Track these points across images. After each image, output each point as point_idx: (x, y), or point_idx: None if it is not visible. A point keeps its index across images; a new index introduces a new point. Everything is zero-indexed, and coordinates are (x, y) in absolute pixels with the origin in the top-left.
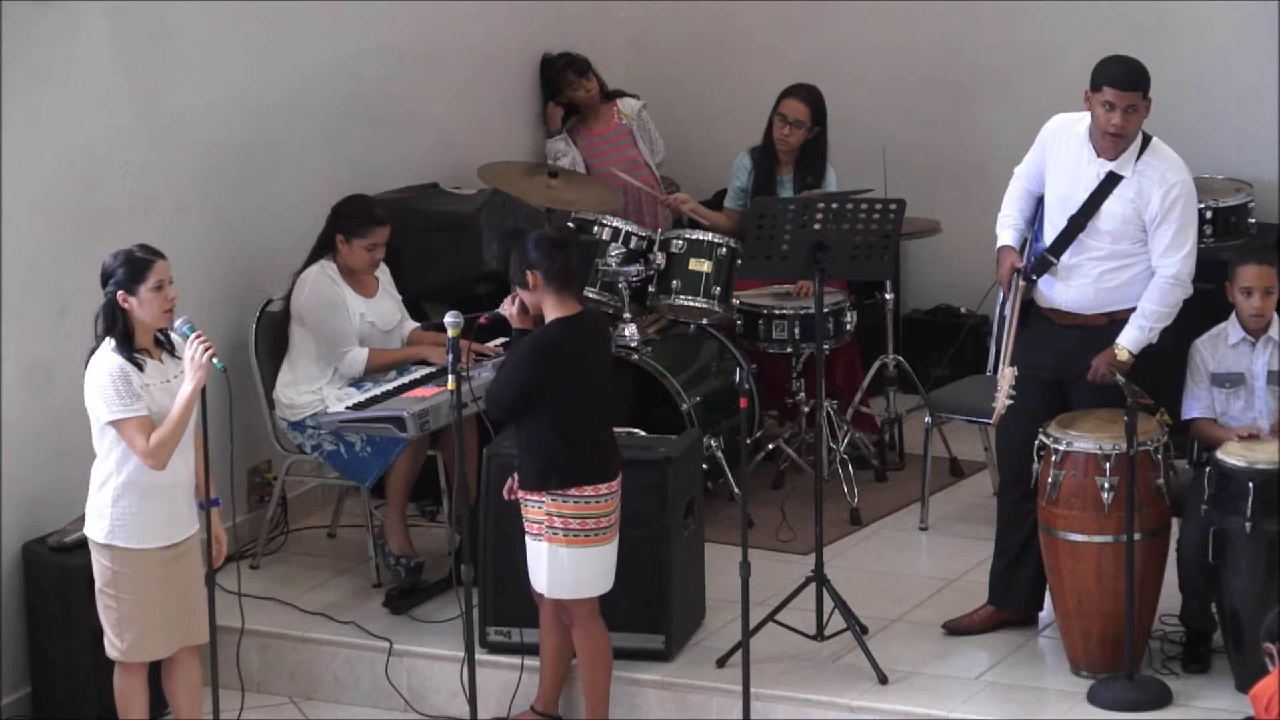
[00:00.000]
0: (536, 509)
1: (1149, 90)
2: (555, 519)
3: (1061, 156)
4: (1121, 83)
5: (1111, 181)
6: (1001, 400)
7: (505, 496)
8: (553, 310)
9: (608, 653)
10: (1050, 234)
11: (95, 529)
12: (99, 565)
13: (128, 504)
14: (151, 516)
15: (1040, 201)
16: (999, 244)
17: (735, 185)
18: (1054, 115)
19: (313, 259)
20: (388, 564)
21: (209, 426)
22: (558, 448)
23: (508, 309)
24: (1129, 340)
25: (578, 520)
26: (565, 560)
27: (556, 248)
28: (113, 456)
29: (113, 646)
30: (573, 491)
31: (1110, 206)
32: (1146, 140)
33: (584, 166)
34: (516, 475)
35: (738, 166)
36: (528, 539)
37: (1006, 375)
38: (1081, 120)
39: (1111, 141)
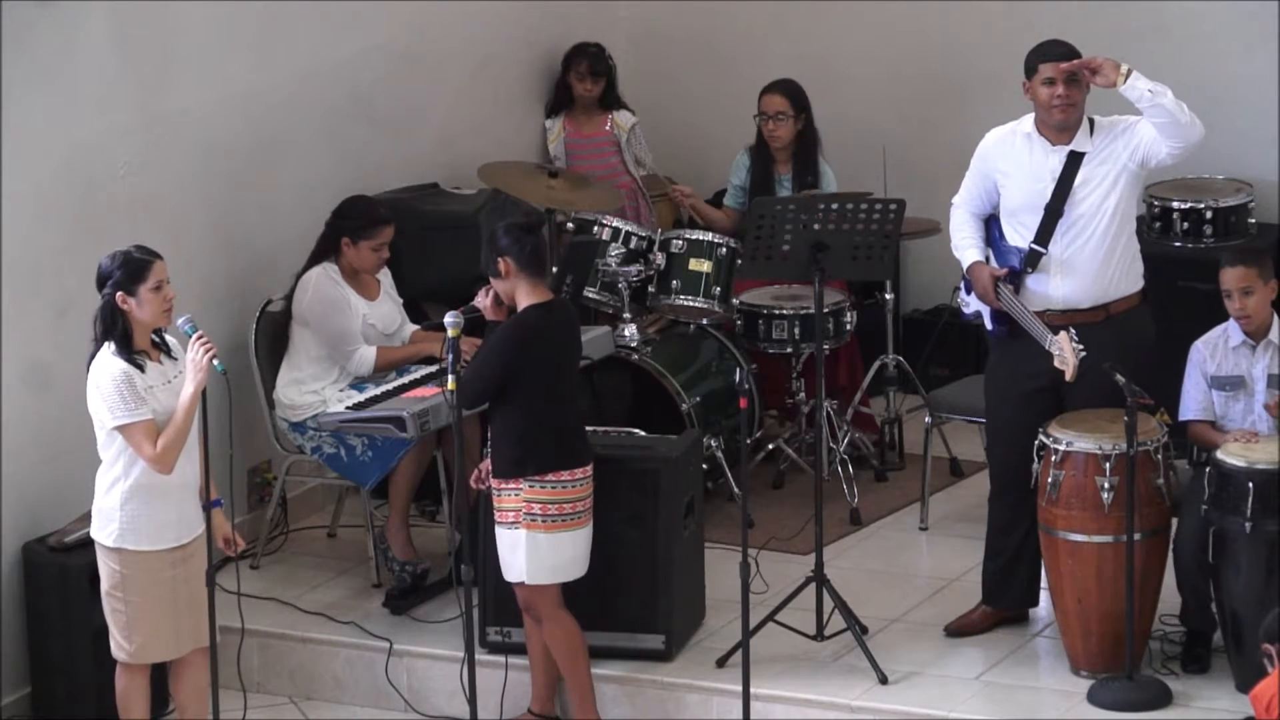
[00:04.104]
0: (512, 497)
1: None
2: (533, 505)
3: (1013, 162)
4: (1056, 55)
5: (1075, 161)
6: (1072, 361)
7: (473, 485)
8: (525, 297)
9: (581, 643)
10: (1022, 237)
11: (103, 533)
12: (106, 569)
13: (136, 507)
14: (160, 518)
15: (988, 223)
16: (967, 263)
17: (734, 184)
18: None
19: (314, 261)
20: (390, 568)
21: (209, 427)
22: (533, 434)
23: (482, 301)
24: (1137, 74)
25: (555, 505)
26: (544, 546)
27: (526, 232)
28: (120, 461)
29: (120, 649)
30: (549, 477)
31: (1083, 185)
32: (1091, 121)
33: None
34: (485, 464)
35: (737, 165)
36: (500, 529)
37: (1062, 338)
38: (1020, 123)
39: (1062, 114)
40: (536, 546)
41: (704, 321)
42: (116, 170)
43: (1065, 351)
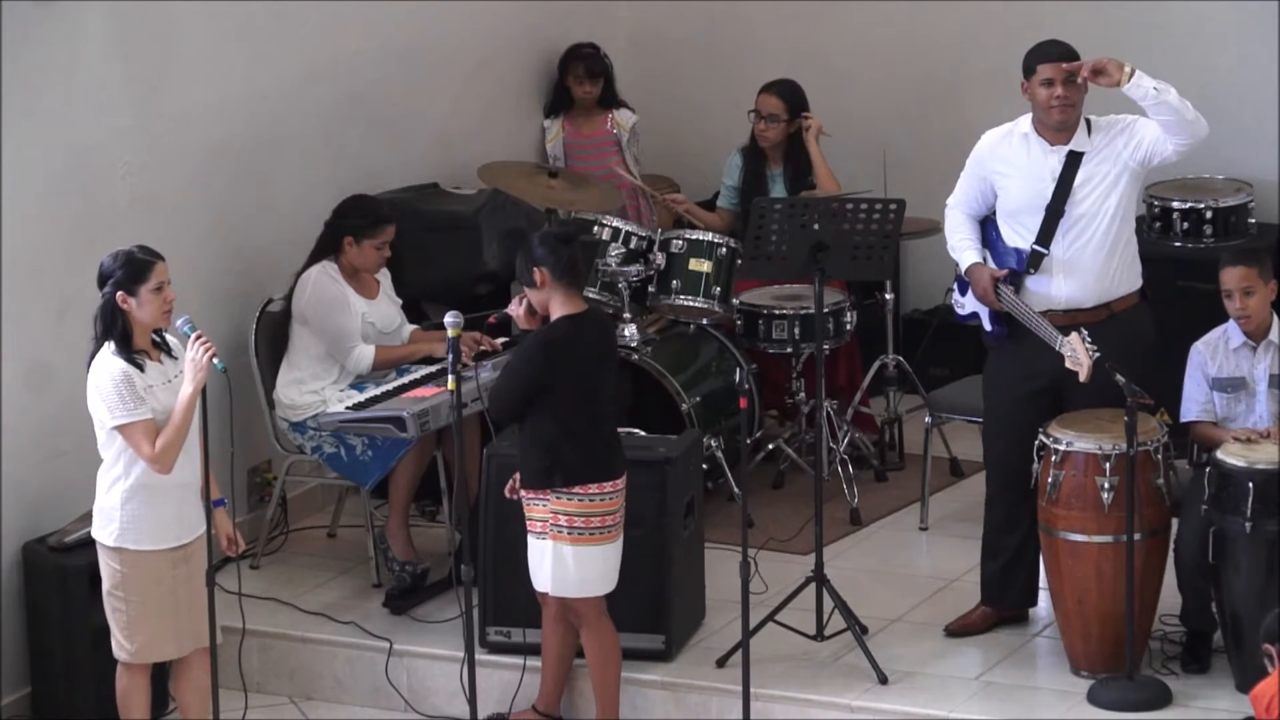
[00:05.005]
0: (540, 507)
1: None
2: (560, 517)
3: (1012, 163)
4: (1054, 56)
5: (1075, 160)
6: (1086, 362)
7: (507, 495)
8: (559, 308)
9: (617, 652)
10: (1022, 238)
11: (104, 533)
12: (107, 568)
13: (136, 506)
14: (161, 518)
15: (984, 225)
16: (966, 264)
17: (727, 184)
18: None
19: (314, 260)
20: (390, 568)
21: (209, 427)
22: (562, 446)
23: (515, 310)
24: (1140, 73)
25: (582, 519)
26: (570, 559)
27: (562, 243)
28: (121, 460)
29: (121, 649)
30: (577, 490)
31: (1083, 184)
32: (1089, 121)
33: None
34: (519, 474)
35: (729, 165)
36: (530, 538)
37: (1074, 339)
38: (1018, 124)
39: (1061, 114)
40: (562, 559)
41: (704, 321)
42: (116, 170)
43: (1078, 353)
